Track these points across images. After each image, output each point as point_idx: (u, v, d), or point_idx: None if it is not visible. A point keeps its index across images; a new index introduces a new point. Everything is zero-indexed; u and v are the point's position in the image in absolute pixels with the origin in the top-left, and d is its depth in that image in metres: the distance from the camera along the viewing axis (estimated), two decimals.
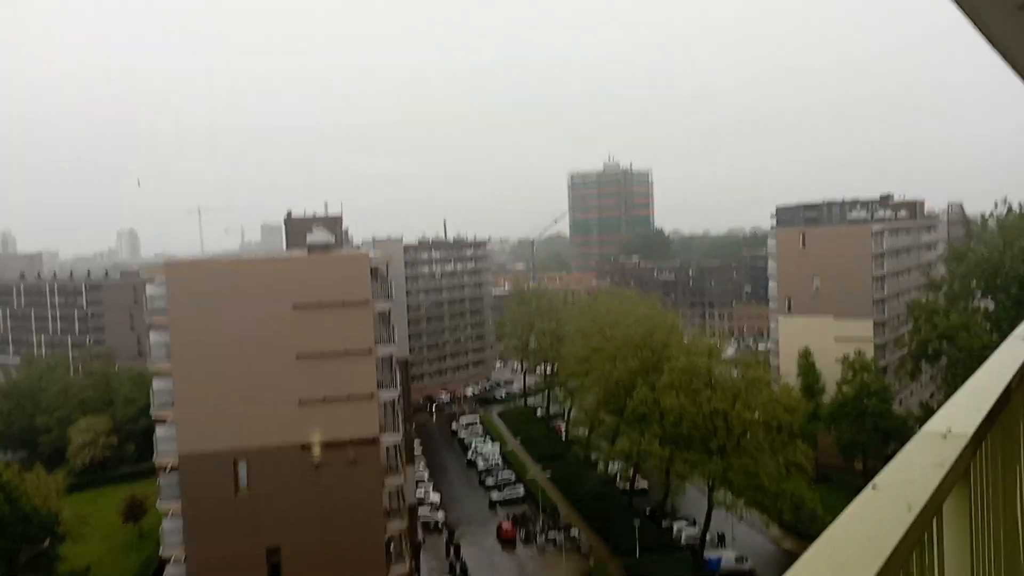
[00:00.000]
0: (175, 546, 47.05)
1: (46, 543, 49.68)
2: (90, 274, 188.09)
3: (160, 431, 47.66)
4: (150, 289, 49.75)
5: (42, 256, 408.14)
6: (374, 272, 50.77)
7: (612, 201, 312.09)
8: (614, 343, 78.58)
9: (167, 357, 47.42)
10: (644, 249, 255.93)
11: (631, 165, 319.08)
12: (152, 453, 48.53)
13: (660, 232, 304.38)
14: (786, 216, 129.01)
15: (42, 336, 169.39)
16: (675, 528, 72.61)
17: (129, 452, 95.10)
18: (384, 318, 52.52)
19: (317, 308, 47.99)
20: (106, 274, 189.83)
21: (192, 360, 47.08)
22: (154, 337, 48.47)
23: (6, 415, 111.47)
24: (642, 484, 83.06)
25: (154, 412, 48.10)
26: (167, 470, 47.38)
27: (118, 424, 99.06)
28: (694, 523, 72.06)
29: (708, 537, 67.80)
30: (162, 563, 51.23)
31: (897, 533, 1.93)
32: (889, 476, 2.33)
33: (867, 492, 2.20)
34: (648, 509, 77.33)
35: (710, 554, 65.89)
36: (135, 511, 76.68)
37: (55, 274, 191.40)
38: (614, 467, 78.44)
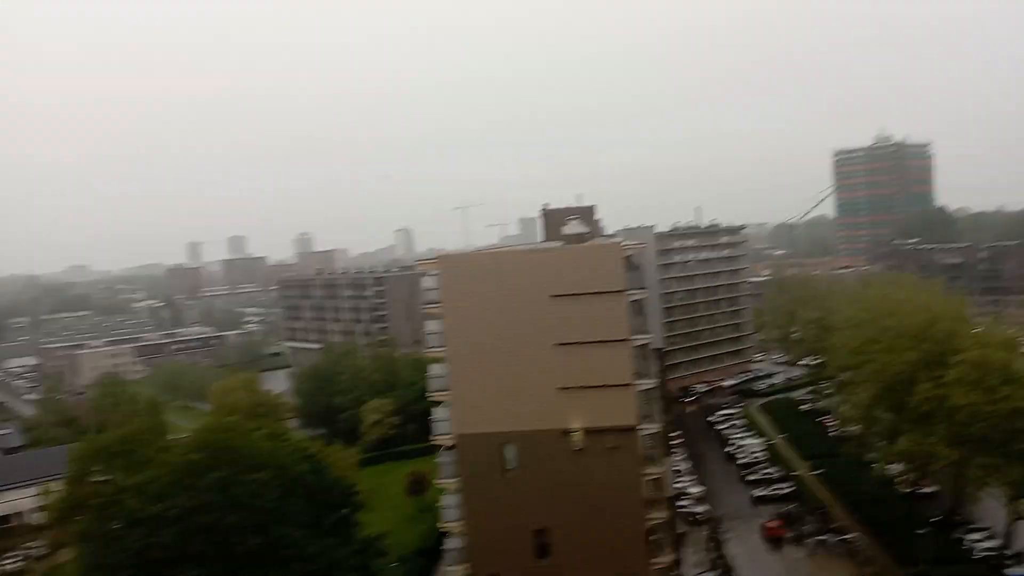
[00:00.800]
0: (452, 520, 50.86)
1: (347, 510, 55.85)
2: (373, 269, 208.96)
3: (437, 413, 51.61)
4: (424, 281, 53.80)
5: (334, 253, 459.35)
6: (628, 261, 50.87)
7: (884, 178, 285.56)
8: (891, 333, 71.92)
9: (441, 343, 51.18)
10: (923, 229, 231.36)
11: (906, 138, 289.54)
12: (431, 433, 52.70)
13: (942, 210, 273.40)
14: None
15: (337, 325, 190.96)
16: (968, 539, 65.11)
17: (411, 431, 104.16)
18: (638, 307, 52.52)
19: (573, 297, 49.02)
20: (387, 269, 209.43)
21: (462, 346, 50.29)
22: (429, 325, 52.48)
23: (311, 396, 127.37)
24: (927, 488, 75.59)
25: (431, 395, 52.17)
26: (444, 449, 51.27)
27: (401, 405, 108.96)
28: (992, 535, 64.19)
29: (1011, 552, 60.04)
30: (442, 535, 55.67)
31: None
32: None
33: None
34: (934, 516, 70.14)
35: (1017, 572, 58.19)
36: (417, 485, 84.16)
37: (345, 270, 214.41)
38: (893, 468, 71.95)
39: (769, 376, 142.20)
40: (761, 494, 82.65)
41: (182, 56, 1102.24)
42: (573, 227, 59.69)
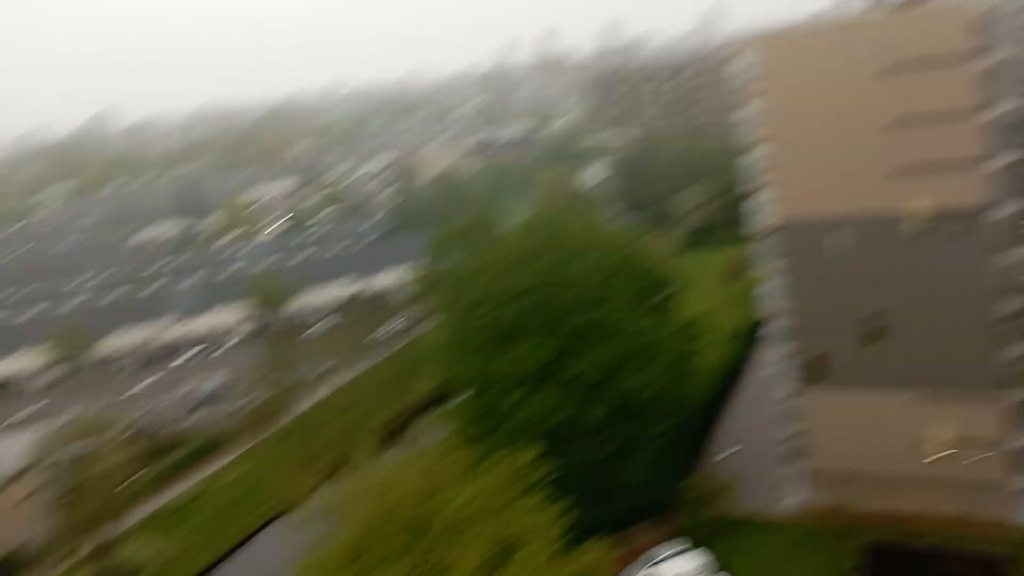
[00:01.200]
0: (772, 305, 51.05)
1: (666, 293, 58.38)
2: (679, 56, 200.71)
3: (755, 199, 50.54)
4: (739, 63, 50.90)
5: (641, 41, 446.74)
6: (979, 21, 43.30)
7: None
8: None
9: (759, 127, 49.08)
10: None
11: None
12: (743, 220, 52.09)
13: None
14: None
15: (647, 115, 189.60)
16: None
17: (725, 218, 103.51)
18: (994, 73, 45.12)
19: (909, 69, 43.77)
20: (695, 54, 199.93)
21: (784, 129, 47.89)
22: (745, 109, 50.26)
23: (627, 185, 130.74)
24: None
25: (748, 182, 50.96)
26: (762, 235, 50.62)
27: (714, 193, 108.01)
28: None
29: None
30: (759, 321, 56.37)
31: None
32: None
33: None
34: None
35: None
36: (734, 271, 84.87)
37: (653, 58, 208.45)
38: None
39: None
40: None
41: None
42: None
